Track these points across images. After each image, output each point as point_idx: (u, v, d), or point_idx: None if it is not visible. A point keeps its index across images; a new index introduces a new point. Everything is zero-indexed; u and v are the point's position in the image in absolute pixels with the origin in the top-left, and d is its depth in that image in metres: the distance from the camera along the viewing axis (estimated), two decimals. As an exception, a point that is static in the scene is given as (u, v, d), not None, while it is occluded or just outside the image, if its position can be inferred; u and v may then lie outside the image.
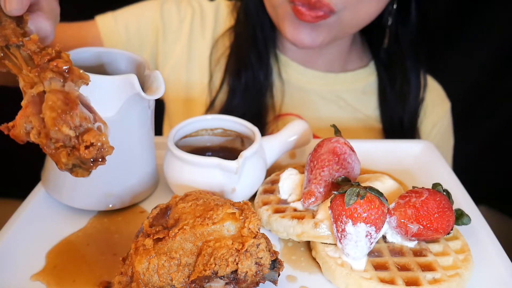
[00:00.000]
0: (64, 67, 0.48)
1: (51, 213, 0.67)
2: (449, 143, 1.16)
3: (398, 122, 1.05)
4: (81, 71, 0.49)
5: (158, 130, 0.76)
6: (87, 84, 0.50)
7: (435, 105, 1.09)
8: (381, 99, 1.07)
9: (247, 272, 0.49)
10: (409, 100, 1.04)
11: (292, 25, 0.88)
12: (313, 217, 0.61)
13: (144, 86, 0.64)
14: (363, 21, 0.91)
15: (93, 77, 0.60)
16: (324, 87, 1.05)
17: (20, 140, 0.49)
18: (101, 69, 0.70)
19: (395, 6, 0.97)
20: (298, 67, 1.05)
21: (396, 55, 1.04)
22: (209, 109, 1.02)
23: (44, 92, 0.47)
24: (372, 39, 1.08)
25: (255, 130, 0.71)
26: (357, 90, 1.07)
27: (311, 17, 0.83)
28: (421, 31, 1.01)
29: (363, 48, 1.10)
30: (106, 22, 1.01)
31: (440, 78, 1.15)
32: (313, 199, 0.62)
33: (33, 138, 0.47)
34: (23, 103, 0.48)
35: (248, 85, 0.99)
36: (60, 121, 0.46)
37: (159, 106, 1.08)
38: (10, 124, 0.49)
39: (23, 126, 0.48)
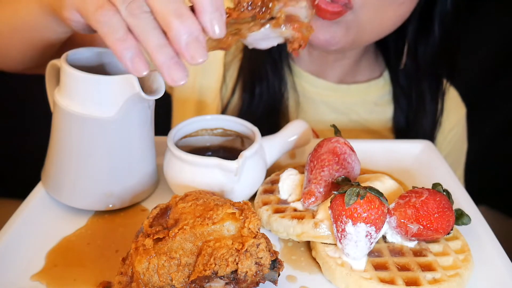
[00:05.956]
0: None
1: (51, 213, 0.67)
2: (463, 149, 1.14)
3: (413, 134, 1.02)
4: None
5: (165, 131, 0.75)
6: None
7: (450, 111, 1.06)
8: (396, 110, 1.04)
9: (247, 272, 0.49)
10: (424, 121, 1.01)
11: None
12: (313, 217, 0.61)
13: (144, 86, 0.64)
14: (382, 27, 0.87)
15: (93, 77, 0.61)
16: (335, 99, 1.02)
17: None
18: (101, 69, 0.70)
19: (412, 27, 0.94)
20: (310, 78, 1.02)
21: (413, 76, 1.00)
22: None
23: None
24: (389, 53, 1.05)
25: (255, 130, 0.71)
26: (369, 102, 1.04)
27: (330, 13, 0.79)
28: (443, 53, 0.97)
29: (376, 59, 1.07)
30: None
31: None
32: (313, 199, 0.62)
33: None
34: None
35: (262, 96, 0.96)
36: None
37: (166, 107, 1.07)
38: None
39: None
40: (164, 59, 0.50)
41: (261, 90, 0.96)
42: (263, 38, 0.59)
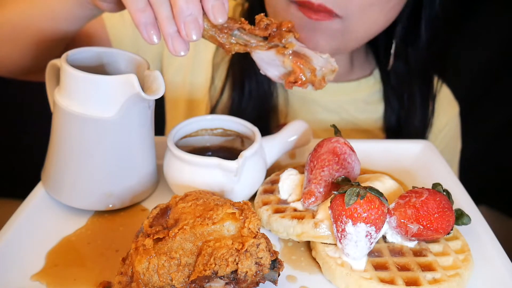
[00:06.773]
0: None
1: (51, 213, 0.67)
2: (457, 147, 1.14)
3: (405, 134, 1.02)
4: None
5: (160, 131, 0.76)
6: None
7: (442, 110, 1.06)
8: (386, 108, 1.04)
9: (247, 272, 0.49)
10: (415, 121, 1.01)
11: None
12: (313, 217, 0.61)
13: (144, 86, 0.64)
14: (369, 32, 0.87)
15: (93, 77, 0.61)
16: (326, 97, 1.02)
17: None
18: (101, 69, 0.70)
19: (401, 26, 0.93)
20: None
21: (404, 77, 1.01)
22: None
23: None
24: (379, 54, 1.05)
25: (255, 130, 0.71)
26: (359, 100, 1.04)
27: (313, 13, 0.78)
28: (432, 55, 0.98)
29: (366, 57, 1.08)
30: (114, 22, 1.00)
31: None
32: (313, 199, 0.62)
33: None
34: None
35: (252, 94, 0.97)
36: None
37: (161, 107, 1.08)
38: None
39: None
40: (171, 31, 0.57)
41: (251, 88, 0.97)
42: (269, 62, 0.62)
